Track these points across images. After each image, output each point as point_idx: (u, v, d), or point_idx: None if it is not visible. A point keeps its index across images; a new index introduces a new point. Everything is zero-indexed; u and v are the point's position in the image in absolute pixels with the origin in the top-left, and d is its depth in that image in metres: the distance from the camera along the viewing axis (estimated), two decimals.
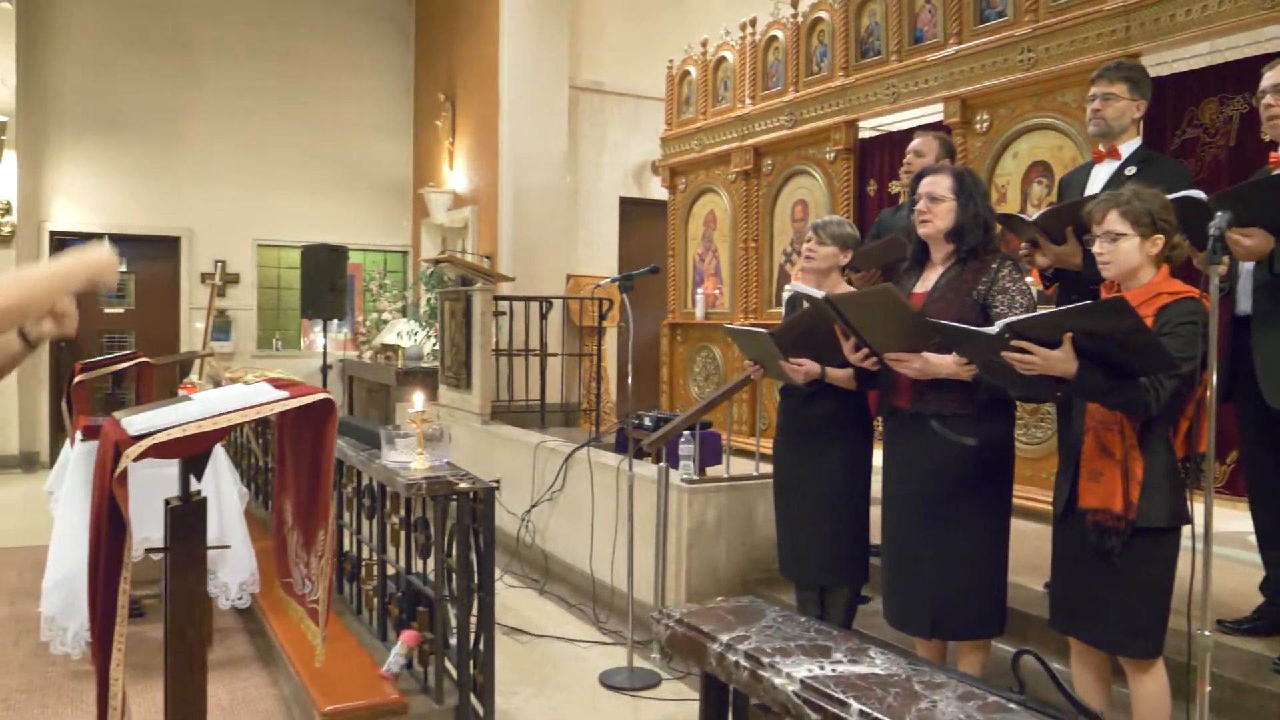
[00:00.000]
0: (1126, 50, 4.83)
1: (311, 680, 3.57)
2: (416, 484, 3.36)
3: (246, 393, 2.08)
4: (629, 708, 3.95)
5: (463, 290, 7.15)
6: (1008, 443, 3.11)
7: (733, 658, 1.67)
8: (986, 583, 3.03)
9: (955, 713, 1.41)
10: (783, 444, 3.72)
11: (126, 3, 10.12)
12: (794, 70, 6.96)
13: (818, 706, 1.48)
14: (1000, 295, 3.02)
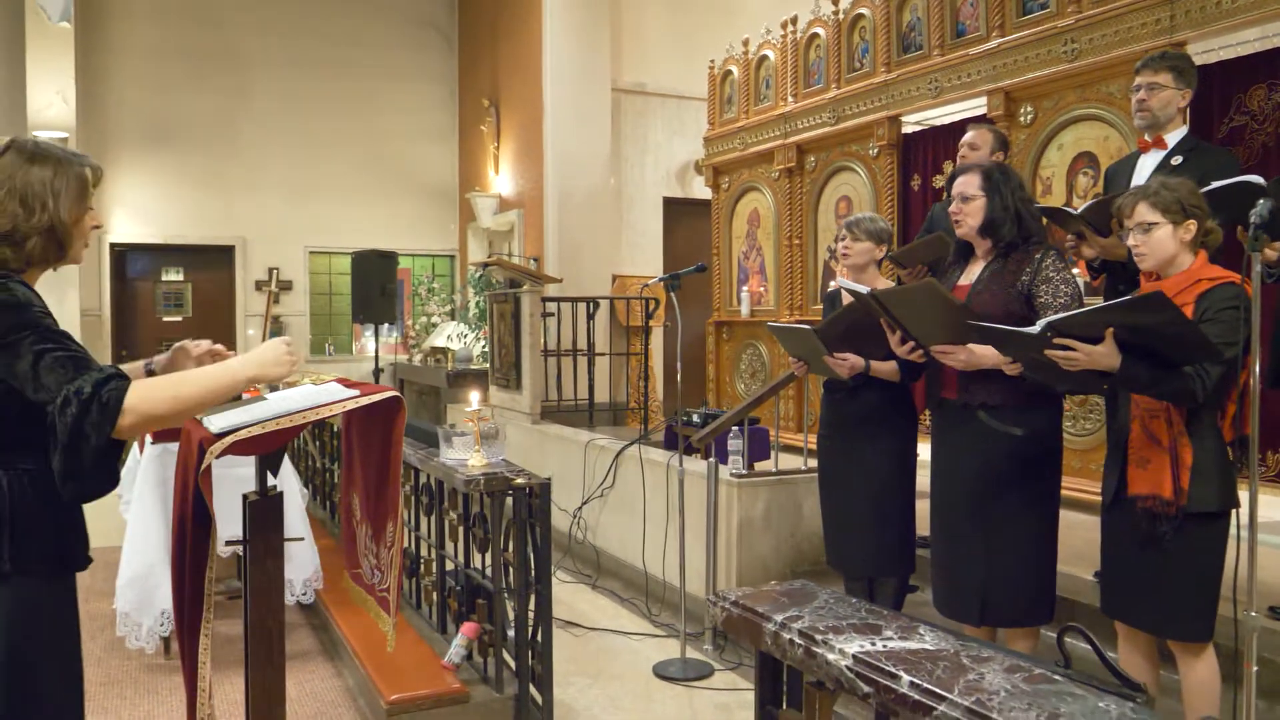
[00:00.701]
0: (1171, 39, 4.81)
1: (376, 671, 3.70)
2: (475, 480, 3.46)
3: (319, 392, 2.19)
4: (683, 697, 4.03)
5: (511, 292, 7.28)
6: (1055, 432, 3.15)
7: (787, 636, 1.75)
8: (1035, 571, 3.06)
9: (1002, 683, 1.47)
10: (827, 438, 3.78)
11: (179, 20, 10.41)
12: (836, 67, 6.99)
13: (870, 680, 1.55)
14: (1044, 285, 3.05)
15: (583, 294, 8.00)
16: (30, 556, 1.85)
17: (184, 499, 2.25)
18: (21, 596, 1.84)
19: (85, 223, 2.02)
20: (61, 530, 1.93)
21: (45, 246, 1.93)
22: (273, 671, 2.28)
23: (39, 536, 1.88)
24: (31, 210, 1.90)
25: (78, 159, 2.03)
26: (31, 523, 1.86)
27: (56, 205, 1.92)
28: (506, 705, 3.59)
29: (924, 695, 1.47)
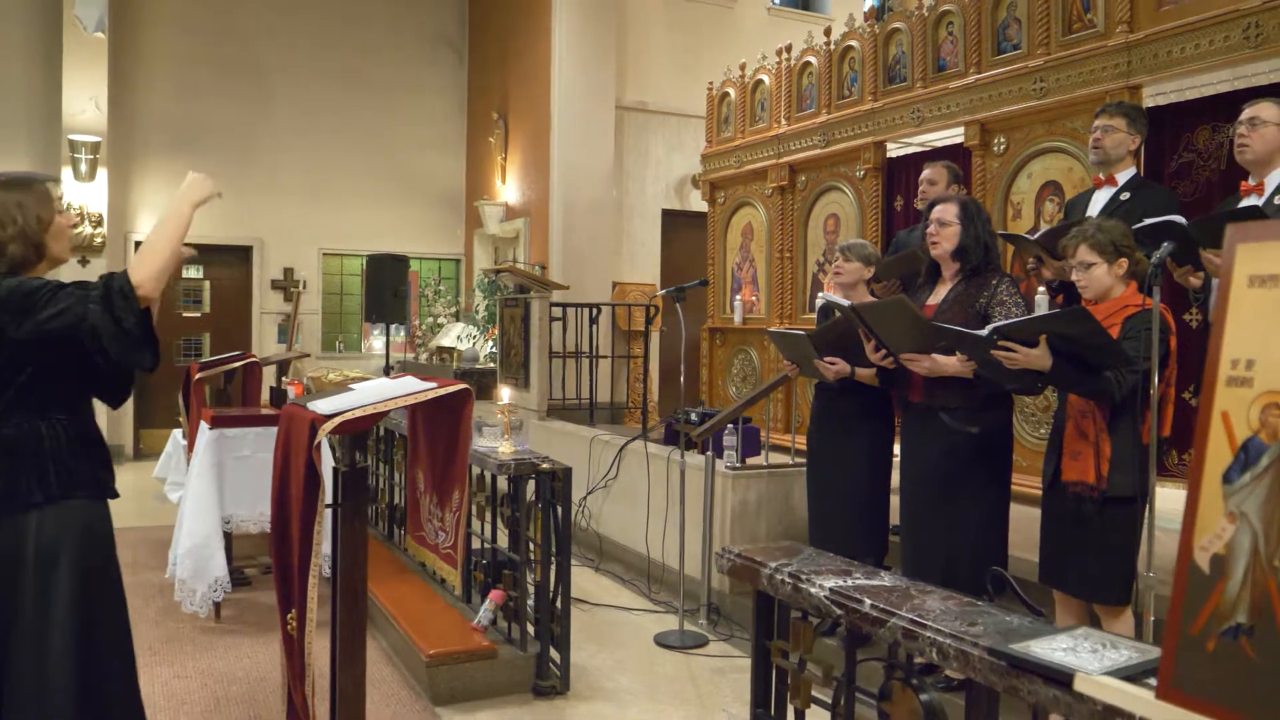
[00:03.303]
0: (1129, 82, 5.34)
1: (415, 631, 4.22)
2: (506, 464, 3.98)
3: (402, 383, 2.70)
4: (681, 662, 4.55)
5: (522, 297, 7.79)
6: (1005, 430, 3.70)
7: (779, 577, 2.27)
8: (989, 545, 3.59)
9: (938, 606, 2.00)
10: (816, 432, 4.33)
11: (206, 31, 10.90)
12: (827, 94, 7.51)
13: (841, 604, 2.08)
14: (998, 307, 3.60)
15: (584, 299, 8.50)
16: (71, 485, 2.39)
17: (288, 468, 2.76)
18: (70, 516, 2.37)
19: (58, 223, 2.54)
20: (93, 464, 2.47)
21: (23, 250, 2.45)
22: (357, 613, 2.78)
23: (75, 470, 2.41)
24: (3, 225, 2.43)
25: (37, 177, 2.58)
26: (69, 459, 2.40)
27: (25, 215, 2.45)
28: (529, 662, 4.11)
29: (880, 613, 1.99)
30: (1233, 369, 1.09)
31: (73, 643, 2.31)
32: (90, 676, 2.34)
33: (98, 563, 2.43)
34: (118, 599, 2.50)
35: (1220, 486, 1.09)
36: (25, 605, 2.29)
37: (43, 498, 2.33)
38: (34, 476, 2.34)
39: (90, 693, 2.34)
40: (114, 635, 2.45)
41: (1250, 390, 1.07)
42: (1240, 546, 1.06)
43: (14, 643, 2.29)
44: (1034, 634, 1.78)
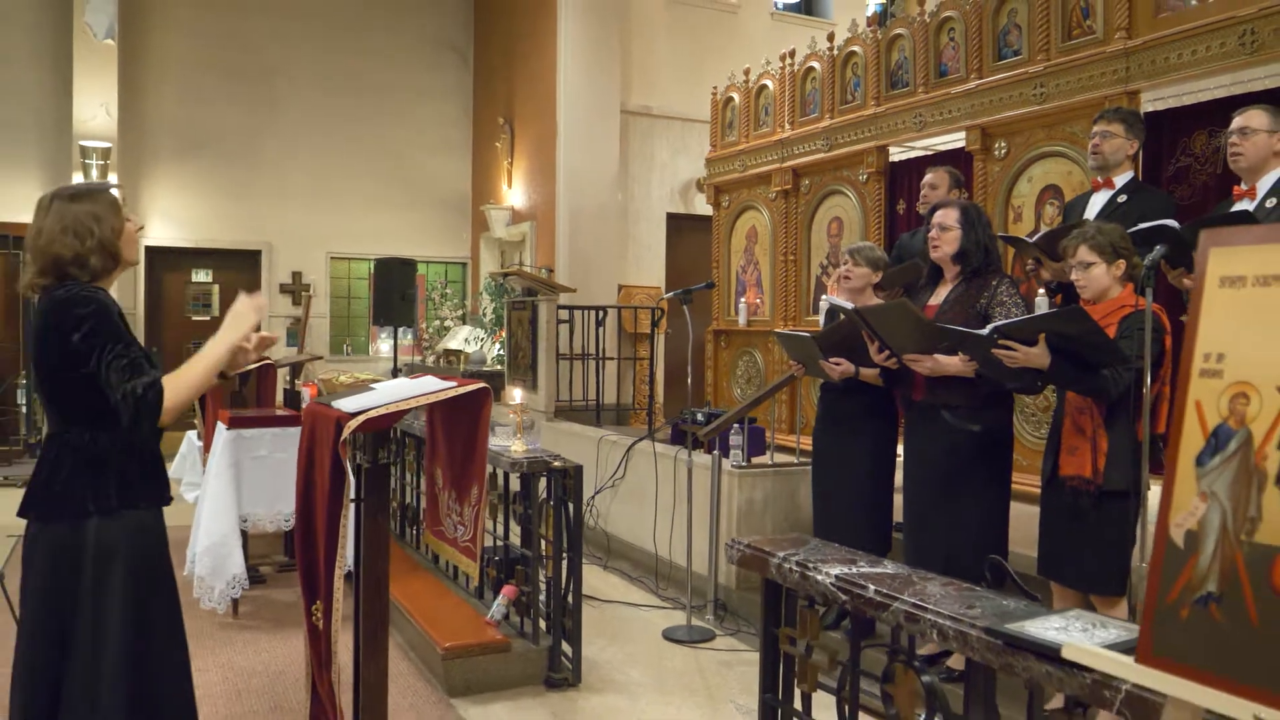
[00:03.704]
0: (1127, 88, 5.44)
1: (430, 626, 4.32)
2: (519, 462, 4.09)
3: (423, 383, 2.81)
4: (689, 656, 4.65)
5: (530, 300, 7.90)
6: (1006, 428, 3.80)
7: (787, 565, 2.37)
8: (990, 541, 3.69)
9: (938, 590, 2.10)
10: (821, 431, 4.43)
11: (214, 37, 11.03)
12: (830, 99, 7.61)
13: (846, 590, 2.18)
14: (998, 308, 3.70)
15: (590, 302, 8.60)
16: (130, 495, 2.48)
17: (312, 465, 2.87)
18: (131, 524, 2.47)
19: (128, 230, 2.62)
20: (150, 473, 2.57)
21: (103, 261, 2.52)
22: (380, 602, 2.89)
23: (133, 479, 2.50)
24: (83, 238, 2.49)
25: (104, 187, 2.65)
26: (127, 469, 2.49)
27: (101, 228, 2.52)
28: (541, 655, 4.21)
29: (883, 598, 2.10)
30: (1205, 362, 1.20)
31: (127, 644, 2.40)
32: (143, 674, 2.42)
33: (152, 566, 2.51)
34: (171, 600, 2.59)
35: (1194, 469, 1.19)
36: (84, 606, 2.38)
37: (102, 507, 2.41)
38: (94, 487, 2.42)
39: (142, 689, 2.43)
40: (167, 634, 2.54)
41: (1221, 381, 1.18)
42: (1211, 523, 1.16)
43: (73, 644, 2.38)
44: (1029, 615, 1.88)
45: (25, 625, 2.47)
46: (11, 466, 9.46)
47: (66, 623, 2.39)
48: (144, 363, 2.41)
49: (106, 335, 2.38)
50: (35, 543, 2.45)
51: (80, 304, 2.39)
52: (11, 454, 9.65)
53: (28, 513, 2.48)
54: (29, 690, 2.42)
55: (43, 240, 2.47)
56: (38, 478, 2.47)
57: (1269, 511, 1.10)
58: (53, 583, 2.40)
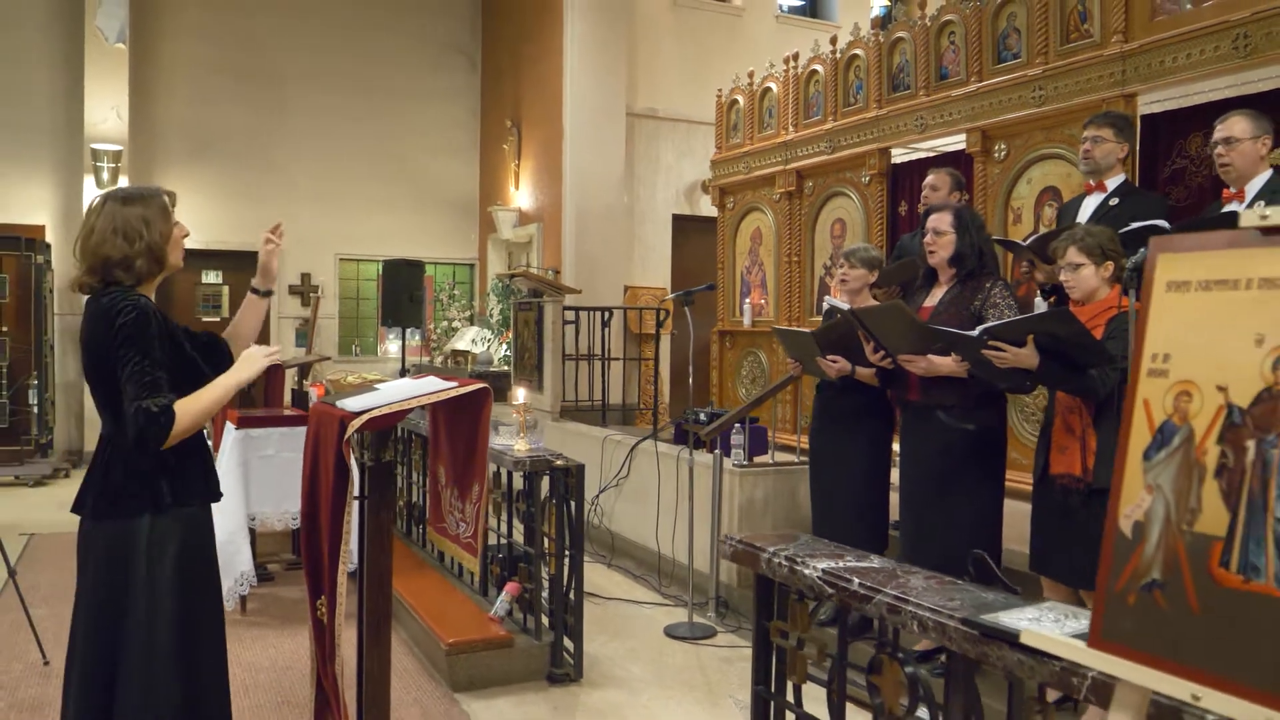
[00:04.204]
0: (1124, 90, 5.49)
1: (435, 622, 4.40)
2: (523, 461, 4.17)
3: (425, 383, 2.89)
4: (690, 652, 4.73)
5: (536, 301, 7.99)
6: (1000, 427, 3.86)
7: (777, 560, 2.44)
8: (984, 535, 3.75)
9: (921, 584, 2.17)
10: (817, 431, 4.50)
11: (223, 41, 11.15)
12: (833, 101, 7.67)
13: (832, 583, 2.25)
14: (992, 309, 3.76)
15: (596, 303, 8.68)
16: (183, 492, 2.57)
17: (318, 463, 2.95)
18: (182, 522, 2.55)
19: (175, 235, 2.69)
20: (202, 472, 2.66)
21: (148, 264, 2.60)
22: (383, 594, 2.97)
23: (186, 478, 2.59)
24: (132, 240, 2.56)
25: (156, 192, 2.70)
26: (179, 466, 2.57)
27: (150, 231, 2.60)
28: (544, 651, 4.29)
29: (867, 590, 2.17)
30: (1152, 362, 1.27)
31: (177, 633, 2.50)
32: (191, 659, 2.53)
33: (200, 561, 2.62)
34: (215, 593, 2.71)
35: (1141, 463, 1.26)
36: (136, 599, 2.47)
37: (154, 505, 2.50)
38: (146, 486, 2.51)
39: (191, 674, 2.53)
40: (211, 625, 2.64)
41: (1166, 380, 1.25)
42: (1156, 514, 1.23)
43: (126, 634, 2.48)
44: (1006, 607, 1.95)
45: (81, 615, 2.56)
46: (23, 466, 9.58)
47: (120, 614, 2.49)
48: (163, 383, 2.47)
49: (137, 347, 2.46)
50: (89, 539, 2.56)
51: (122, 313, 2.47)
52: (23, 453, 9.76)
53: (81, 510, 2.57)
54: (85, 679, 2.52)
55: (94, 240, 2.56)
56: (92, 476, 2.57)
57: (1207, 503, 1.17)
58: (106, 576, 2.50)
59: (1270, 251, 1.16)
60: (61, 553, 6.63)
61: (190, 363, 2.63)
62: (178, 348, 2.61)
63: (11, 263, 9.78)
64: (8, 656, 4.55)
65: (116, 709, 2.47)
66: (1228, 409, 1.17)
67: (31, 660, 4.46)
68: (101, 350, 2.49)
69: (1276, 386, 1.12)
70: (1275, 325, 1.13)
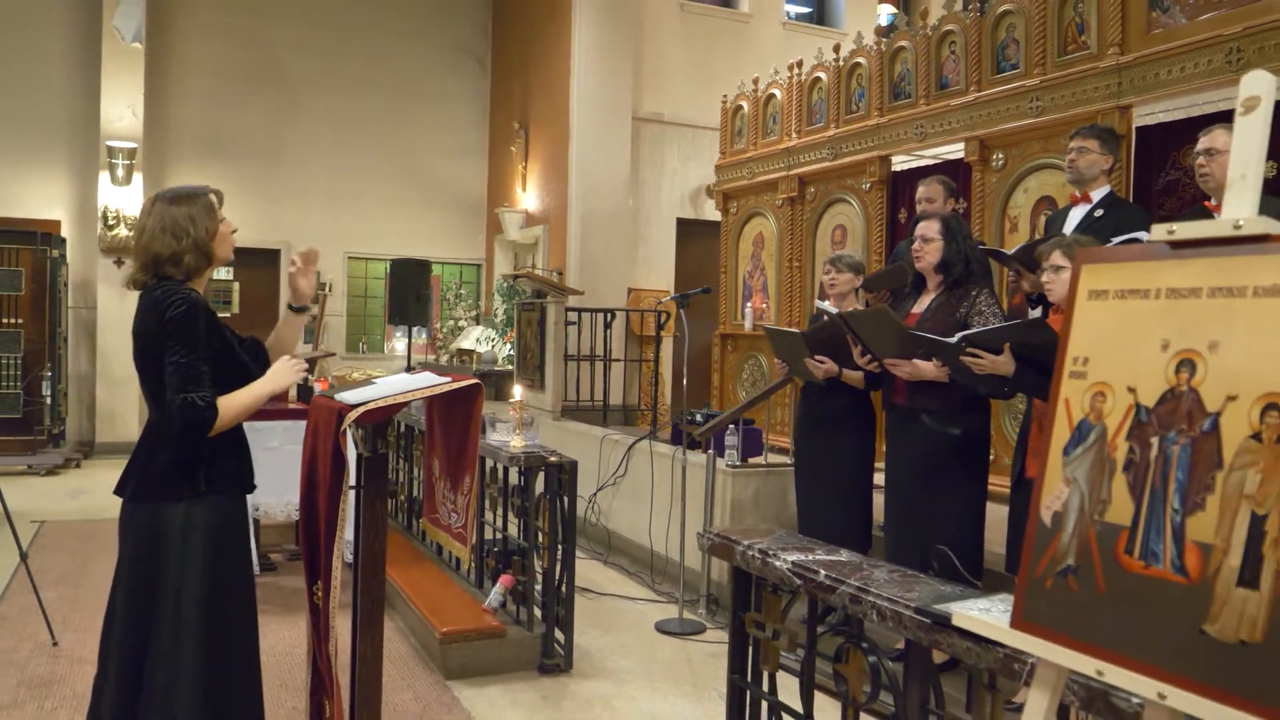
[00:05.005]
0: (1119, 102, 5.58)
1: (430, 612, 4.51)
2: (517, 457, 4.28)
3: (420, 378, 3.00)
4: (679, 647, 4.83)
5: (538, 302, 8.10)
6: (984, 432, 3.95)
7: (750, 553, 2.54)
8: (966, 536, 3.85)
9: (884, 577, 2.27)
10: (803, 432, 4.61)
11: (237, 41, 11.30)
12: (835, 109, 7.77)
13: (800, 575, 2.35)
14: (977, 316, 3.86)
15: (600, 304, 8.79)
16: (219, 480, 2.68)
17: (316, 453, 3.06)
18: (216, 509, 2.67)
19: (222, 230, 2.82)
20: (239, 461, 2.78)
21: (196, 259, 2.74)
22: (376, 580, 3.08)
23: (223, 466, 2.71)
24: (179, 237, 2.70)
25: (203, 190, 2.83)
26: (218, 456, 2.69)
27: (196, 229, 2.73)
28: (535, 641, 4.40)
29: (832, 581, 2.27)
30: (1074, 365, 1.37)
31: (206, 615, 2.61)
32: (218, 640, 2.64)
33: (231, 548, 2.72)
34: (247, 578, 2.82)
35: (1061, 458, 1.36)
36: (169, 580, 2.59)
37: (191, 492, 2.62)
38: (184, 473, 2.63)
39: (218, 656, 2.64)
40: (239, 610, 2.75)
41: (1085, 382, 1.35)
42: (1072, 505, 1.33)
43: (157, 613, 2.60)
44: (960, 598, 2.05)
45: (117, 593, 2.68)
46: (35, 455, 9.74)
47: (152, 595, 2.61)
48: (205, 377, 2.60)
49: (184, 340, 2.59)
50: (129, 521, 2.68)
51: (172, 305, 2.60)
52: (35, 443, 9.92)
53: (123, 493, 2.70)
54: (119, 653, 2.64)
55: (145, 238, 2.69)
56: (135, 462, 2.69)
57: (1116, 495, 1.27)
58: (142, 559, 2.62)
59: (1176, 264, 1.26)
60: (70, 539, 6.77)
61: (243, 365, 2.79)
62: (228, 347, 2.75)
63: (27, 257, 9.94)
64: (19, 636, 4.68)
65: (144, 684, 2.59)
66: (1136, 408, 1.27)
67: (41, 640, 4.59)
68: (151, 340, 2.62)
69: (1179, 388, 1.22)
70: (1179, 331, 1.23)
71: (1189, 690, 1.12)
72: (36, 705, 3.95)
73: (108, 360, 10.57)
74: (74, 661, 4.43)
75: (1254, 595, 1.08)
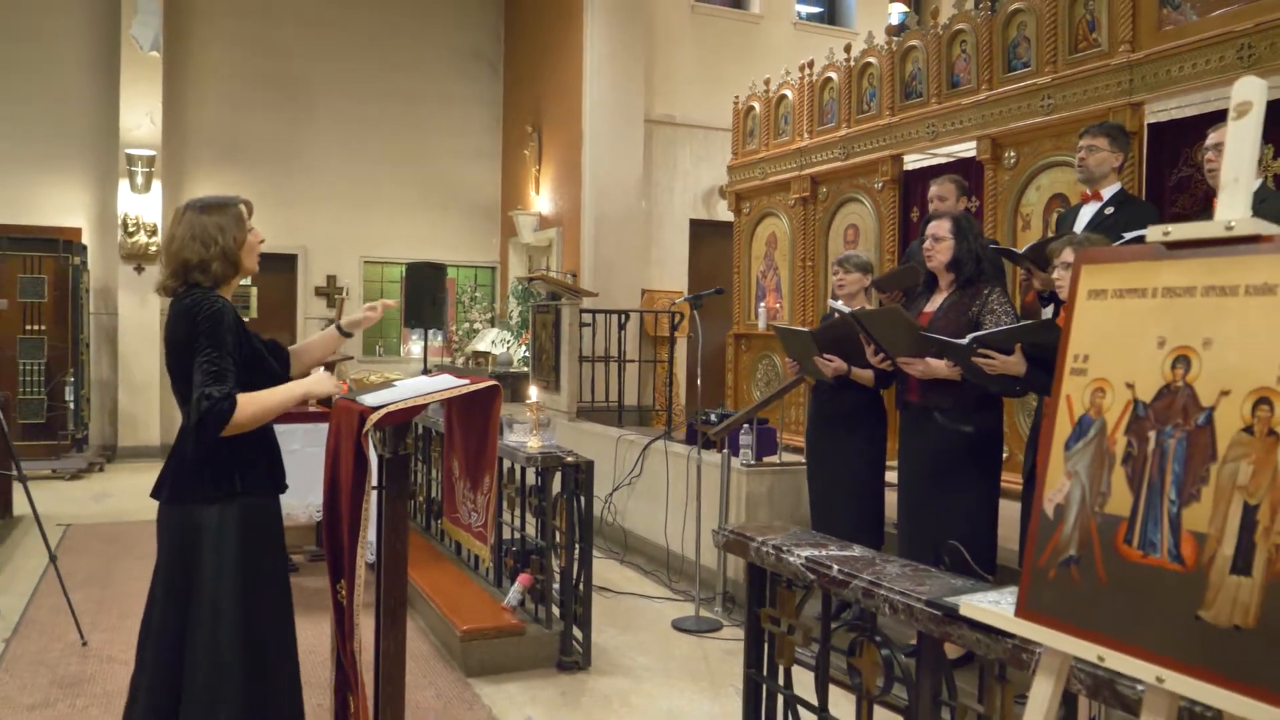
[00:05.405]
0: (1131, 99, 5.59)
1: (450, 610, 4.58)
2: (535, 457, 4.34)
3: (439, 380, 3.06)
4: (696, 645, 4.88)
5: (553, 304, 8.17)
6: (997, 429, 3.99)
7: (765, 549, 2.59)
8: (979, 533, 3.89)
9: (896, 571, 2.32)
10: (814, 431, 4.65)
11: (253, 49, 11.42)
12: (847, 109, 7.80)
13: (814, 570, 2.40)
14: (989, 315, 3.90)
15: (614, 306, 8.84)
16: (253, 481, 2.75)
17: (338, 455, 3.13)
18: (249, 509, 2.74)
19: (250, 241, 2.89)
20: (270, 461, 2.85)
21: (224, 267, 2.80)
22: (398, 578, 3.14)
23: (255, 467, 2.78)
24: (208, 245, 2.76)
25: (233, 200, 2.89)
26: (250, 457, 2.76)
27: (224, 237, 2.80)
28: (554, 639, 4.46)
29: (845, 575, 2.31)
30: (1074, 362, 1.41)
31: (240, 613, 2.68)
32: (253, 641, 2.71)
33: (266, 548, 2.80)
34: (283, 576, 2.89)
35: (1062, 452, 1.41)
36: (204, 579, 2.66)
37: (224, 493, 2.69)
38: (218, 475, 2.69)
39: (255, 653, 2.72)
40: (275, 610, 2.83)
41: (1085, 378, 1.39)
42: (1074, 497, 1.37)
43: (194, 613, 2.66)
44: (970, 590, 2.09)
45: (154, 593, 2.76)
46: (60, 460, 9.86)
47: (189, 594, 2.67)
48: (229, 374, 2.65)
49: (211, 341, 2.65)
50: (165, 522, 2.75)
51: (199, 310, 2.67)
52: (59, 448, 10.05)
53: (159, 496, 2.77)
54: (157, 651, 2.71)
55: (174, 245, 2.76)
56: (170, 464, 2.76)
57: (1116, 487, 1.32)
58: (178, 559, 2.69)
59: (1171, 264, 1.30)
60: (96, 542, 6.87)
61: (273, 373, 2.86)
62: (258, 355, 2.82)
63: (49, 264, 10.08)
64: (49, 637, 4.77)
65: (184, 687, 2.65)
66: (1134, 404, 1.31)
67: (70, 640, 4.68)
68: (182, 346, 2.68)
69: (1175, 384, 1.26)
70: (1174, 329, 1.27)
71: (1186, 674, 1.17)
72: (69, 704, 4.03)
73: (129, 366, 10.70)
74: (104, 661, 4.51)
75: (1246, 582, 1.13)
